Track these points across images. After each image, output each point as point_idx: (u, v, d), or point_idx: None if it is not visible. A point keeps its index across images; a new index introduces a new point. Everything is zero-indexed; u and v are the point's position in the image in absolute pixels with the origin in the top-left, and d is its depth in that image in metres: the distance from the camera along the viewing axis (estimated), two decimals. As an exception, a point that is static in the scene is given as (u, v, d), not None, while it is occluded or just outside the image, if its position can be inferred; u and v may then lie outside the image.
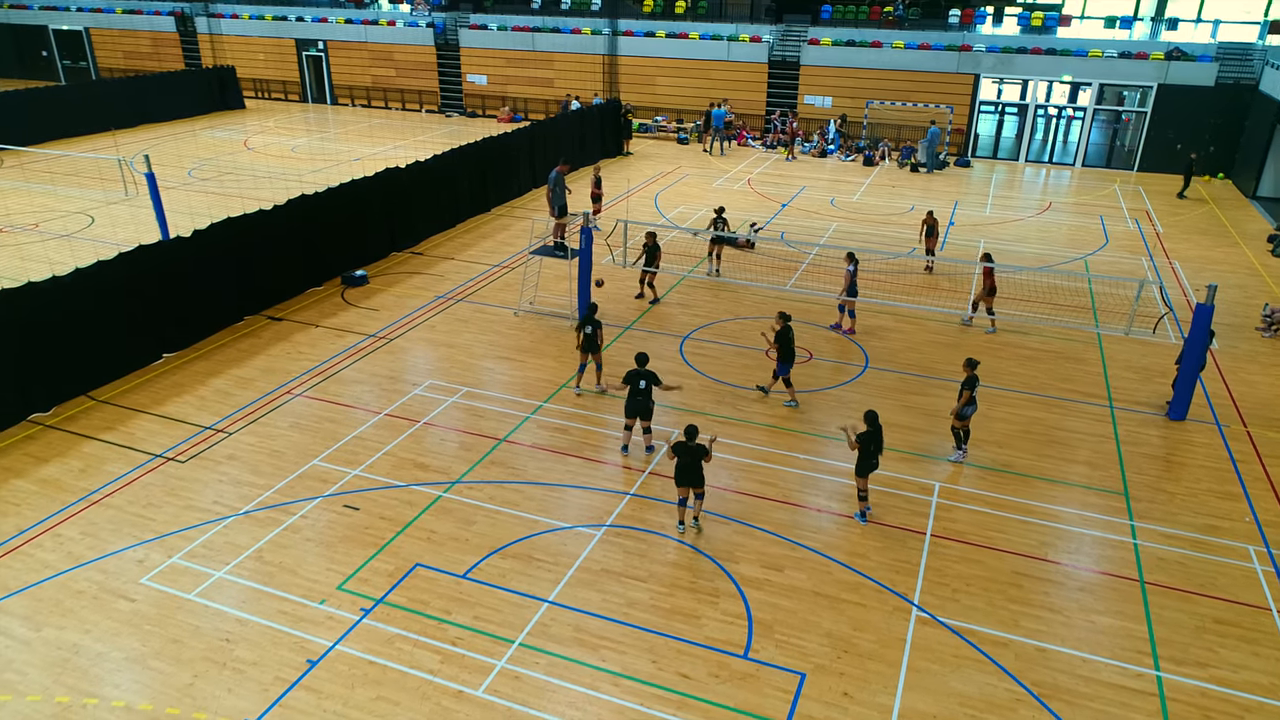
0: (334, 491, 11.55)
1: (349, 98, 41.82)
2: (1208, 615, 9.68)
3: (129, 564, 10.11)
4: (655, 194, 26.72)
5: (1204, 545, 10.84)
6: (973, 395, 12.07)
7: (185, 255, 15.54)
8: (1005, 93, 34.40)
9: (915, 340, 16.57)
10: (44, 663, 8.71)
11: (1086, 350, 16.30)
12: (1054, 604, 9.80)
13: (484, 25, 38.52)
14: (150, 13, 44.42)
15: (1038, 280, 19.51)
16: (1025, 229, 23.91)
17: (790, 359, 13.69)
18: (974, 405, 12.24)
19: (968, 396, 12.07)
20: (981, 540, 10.86)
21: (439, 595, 9.72)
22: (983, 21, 33.54)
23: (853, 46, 33.12)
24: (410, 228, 21.47)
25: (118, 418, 13.34)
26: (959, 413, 12.26)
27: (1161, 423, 13.79)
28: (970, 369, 12.11)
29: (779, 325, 13.56)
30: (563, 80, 37.41)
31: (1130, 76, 30.25)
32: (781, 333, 13.53)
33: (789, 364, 13.71)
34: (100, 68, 46.48)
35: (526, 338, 16.41)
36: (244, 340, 16.10)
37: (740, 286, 19.09)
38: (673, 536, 10.79)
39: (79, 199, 24.89)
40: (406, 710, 8.24)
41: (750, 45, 34.38)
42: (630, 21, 36.61)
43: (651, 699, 8.43)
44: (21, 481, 11.68)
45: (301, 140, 33.84)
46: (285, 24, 41.79)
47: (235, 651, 8.89)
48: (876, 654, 9.04)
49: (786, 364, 13.71)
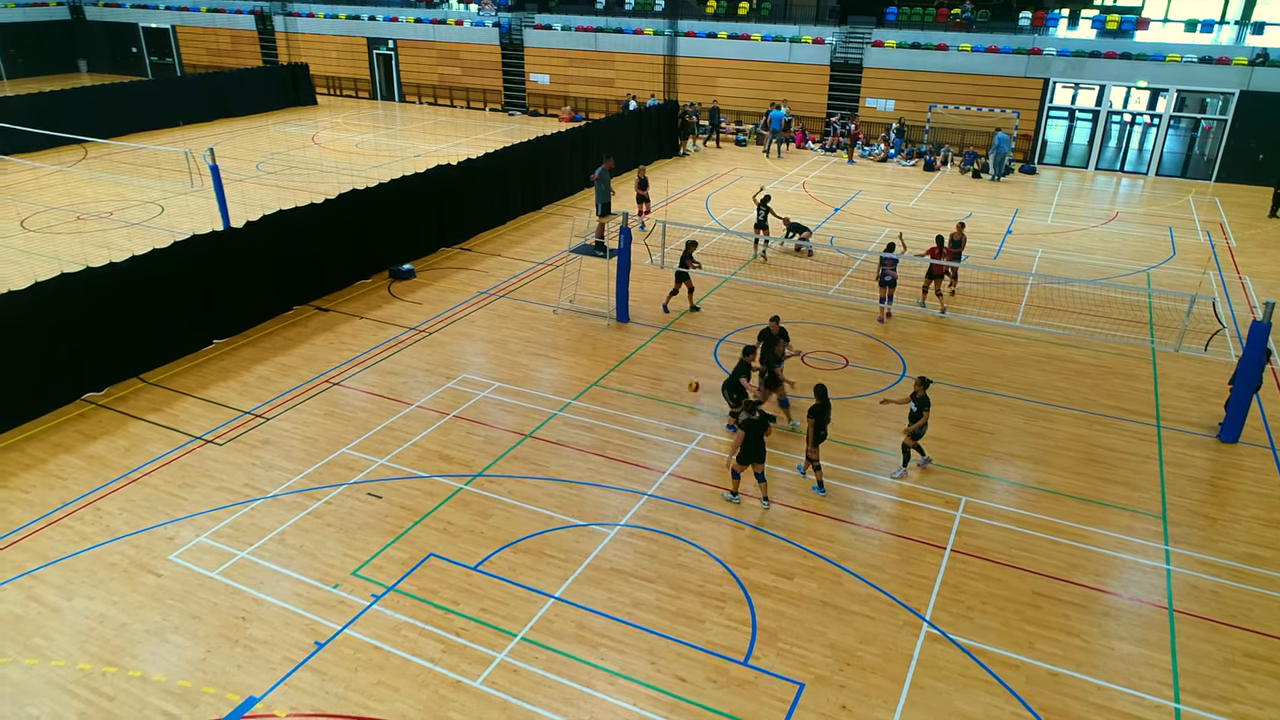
0: (359, 479, 11.84)
1: (416, 95, 42.73)
2: (1238, 648, 9.24)
3: (160, 540, 10.53)
4: (707, 196, 26.63)
5: (1242, 574, 10.34)
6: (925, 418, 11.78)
7: (237, 245, 16.09)
8: (1081, 98, 33.29)
9: (955, 349, 16.18)
10: (71, 630, 9.14)
11: (1139, 366, 15.68)
12: (1074, 627, 9.47)
13: (548, 25, 38.93)
14: (232, 11, 46.09)
15: (1093, 293, 18.84)
16: (1088, 239, 23.10)
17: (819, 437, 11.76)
18: (925, 428, 11.92)
19: (925, 419, 11.73)
20: (1004, 558, 10.55)
21: (449, 586, 9.88)
22: (1055, 24, 32.52)
23: (917, 49, 32.47)
24: (460, 224, 21.84)
25: (165, 400, 13.90)
26: (914, 433, 11.90)
27: (1212, 445, 13.18)
28: (923, 387, 11.74)
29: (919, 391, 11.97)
30: (623, 80, 37.57)
31: (1210, 82, 28.96)
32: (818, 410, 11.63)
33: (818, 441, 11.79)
34: (185, 64, 48.43)
35: (563, 335, 16.54)
36: (291, 329, 16.61)
37: (784, 290, 18.90)
38: (685, 539, 10.76)
39: (153, 189, 25.99)
40: (404, 697, 8.41)
41: (812, 47, 33.99)
42: (692, 22, 36.56)
43: (646, 700, 8.43)
44: (70, 457, 12.27)
45: (367, 136, 34.70)
46: (358, 23, 42.91)
47: (249, 630, 9.19)
48: (880, 668, 8.87)
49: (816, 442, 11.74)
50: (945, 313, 17.34)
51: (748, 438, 10.98)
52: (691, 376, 14.50)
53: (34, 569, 10.00)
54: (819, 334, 16.79)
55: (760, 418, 11.03)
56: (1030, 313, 17.93)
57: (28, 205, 24.06)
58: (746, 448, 11.03)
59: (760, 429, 10.98)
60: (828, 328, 17.08)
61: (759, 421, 10.99)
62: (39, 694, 8.33)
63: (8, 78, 47.48)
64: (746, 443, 11.00)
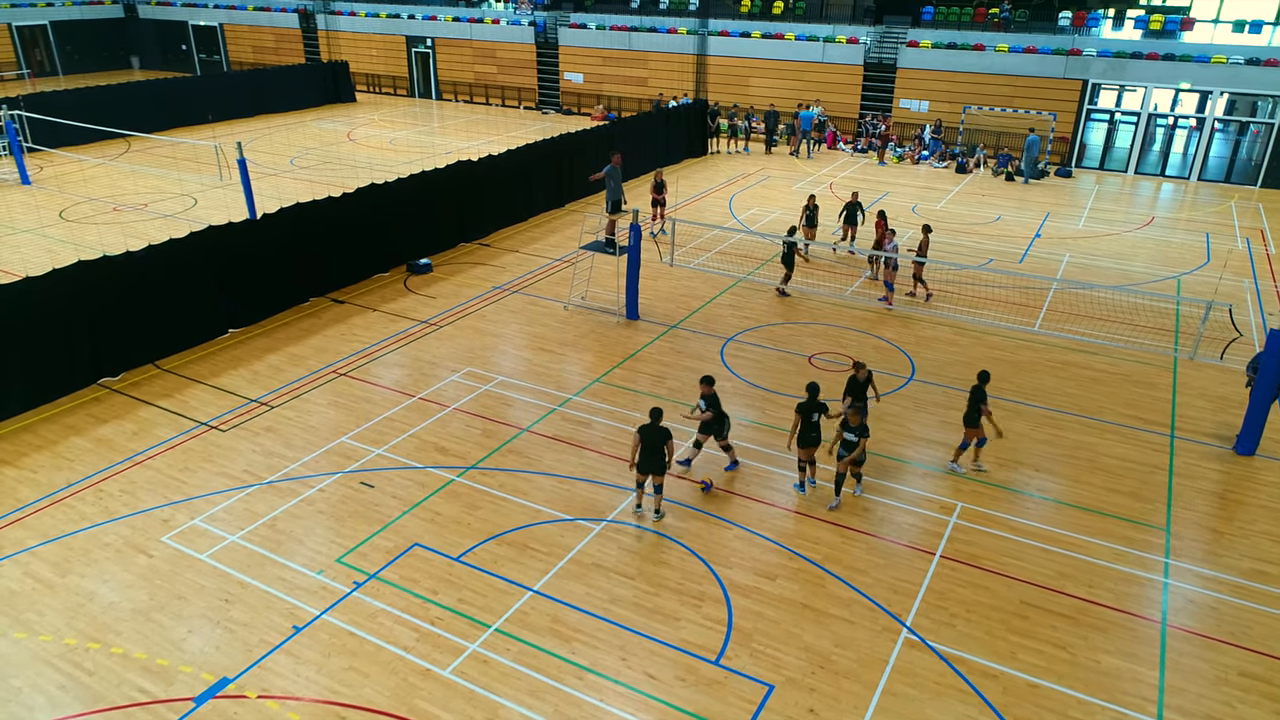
0: (354, 468, 11.99)
1: (453, 93, 43.19)
2: (1232, 666, 8.92)
3: (155, 522, 10.78)
4: (731, 195, 26.50)
5: (1244, 591, 9.98)
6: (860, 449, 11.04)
7: (255, 237, 16.40)
8: (1125, 100, 32.38)
9: (970, 354, 15.87)
10: (62, 606, 9.39)
11: (1159, 375, 15.23)
12: (1059, 639, 9.23)
13: (583, 24, 39.07)
14: (278, 9, 47.04)
15: (1118, 299, 18.33)
16: (1118, 244, 22.51)
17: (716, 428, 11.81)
18: (865, 456, 11.25)
19: (863, 446, 11.00)
20: (994, 566, 10.33)
21: (430, 575, 9.96)
22: (1096, 24, 31.73)
23: (953, 49, 31.94)
24: (480, 220, 22.01)
25: (176, 386, 14.23)
26: (855, 460, 11.19)
27: (1226, 456, 12.75)
28: (859, 415, 10.98)
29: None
30: (656, 79, 37.56)
31: (1258, 84, 28.00)
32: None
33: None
34: (231, 61, 49.55)
35: (571, 332, 16.57)
36: (305, 320, 16.89)
37: (797, 293, 18.71)
38: (671, 536, 10.71)
39: (188, 182, 26.63)
40: (373, 682, 8.49)
41: (846, 47, 33.63)
42: (726, 21, 36.41)
43: (612, 695, 8.40)
44: (80, 439, 12.62)
45: (402, 133, 35.15)
46: (397, 21, 43.51)
47: (231, 612, 9.36)
48: (854, 673, 8.73)
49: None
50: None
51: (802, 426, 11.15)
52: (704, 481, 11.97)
53: (33, 546, 10.31)
54: (829, 335, 16.60)
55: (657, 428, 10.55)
56: (1051, 318, 17.53)
57: (69, 196, 24.81)
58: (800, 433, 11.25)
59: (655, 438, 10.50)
60: (839, 329, 16.88)
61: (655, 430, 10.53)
62: (23, 666, 8.58)
63: (64, 73, 49.01)
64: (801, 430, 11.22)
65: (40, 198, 24.65)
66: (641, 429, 10.57)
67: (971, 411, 11.79)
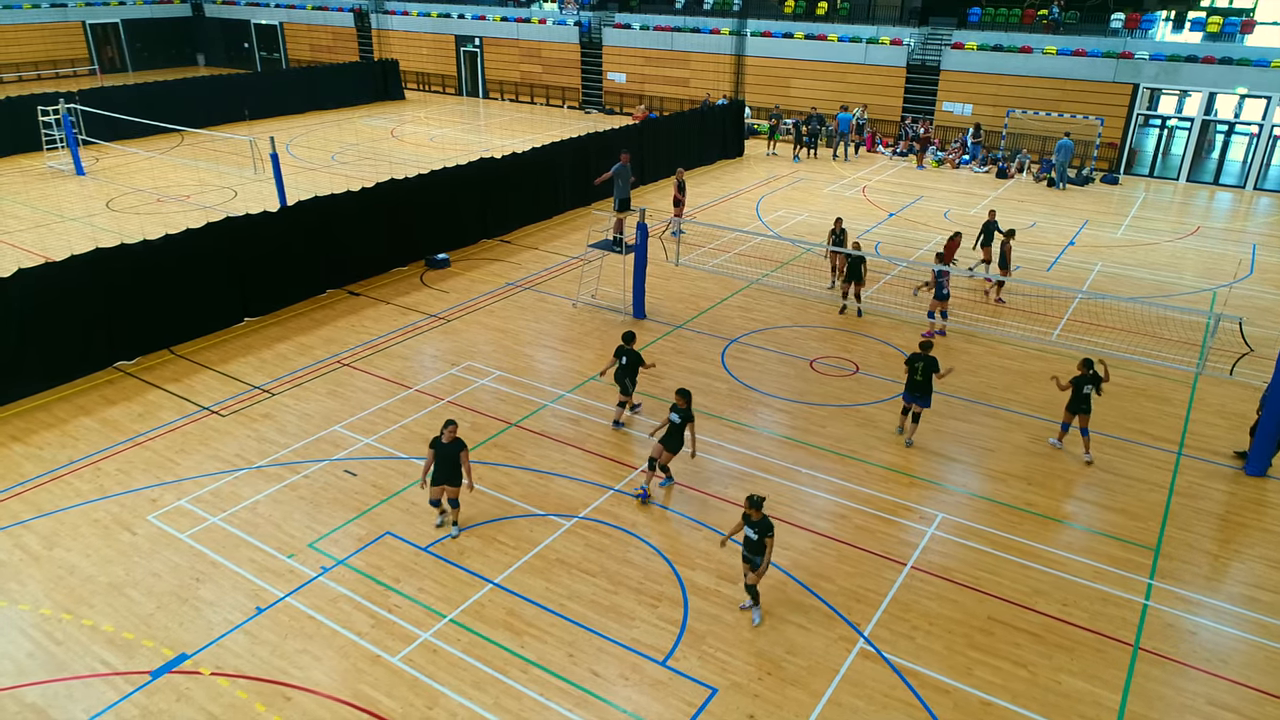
0: (341, 456, 12.24)
1: (499, 92, 43.71)
2: (1201, 694, 8.55)
3: (143, 501, 11.17)
4: (759, 198, 26.29)
5: (1230, 617, 9.56)
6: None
7: (274, 228, 16.85)
8: (1186, 105, 31.14)
9: (979, 362, 15.49)
10: (44, 578, 9.79)
11: (1175, 390, 14.66)
12: (1022, 657, 8.96)
13: (627, 24, 39.18)
14: (334, 9, 48.20)
15: (1144, 312, 17.65)
16: (1156, 254, 21.70)
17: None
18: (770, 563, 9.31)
19: (770, 547, 9.04)
20: (966, 579, 10.07)
21: (395, 564, 10.12)
22: (1151, 26, 30.63)
23: (999, 51, 31.16)
24: (503, 216, 22.24)
25: (186, 371, 14.70)
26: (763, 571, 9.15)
27: (1234, 477, 12.21)
28: (758, 508, 9.01)
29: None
30: (699, 80, 37.46)
31: (1321, 90, 26.72)
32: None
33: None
34: (290, 59, 50.95)
35: (577, 329, 16.65)
36: (319, 311, 17.29)
37: (810, 296, 18.48)
38: (639, 535, 10.70)
39: (231, 175, 27.47)
40: (324, 665, 8.67)
41: (889, 49, 33.07)
42: (769, 22, 36.12)
43: (554, 691, 8.43)
44: (88, 419, 13.13)
45: (443, 131, 35.70)
46: (447, 21, 44.21)
47: (199, 590, 9.65)
48: (801, 681, 8.61)
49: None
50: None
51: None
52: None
53: (27, 519, 10.77)
54: (836, 339, 16.37)
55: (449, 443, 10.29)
56: (1072, 328, 17.01)
57: (118, 188, 25.82)
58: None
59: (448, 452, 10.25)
60: (847, 333, 16.63)
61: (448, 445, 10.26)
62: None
63: (133, 69, 50.99)
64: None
65: (91, 188, 25.71)
66: (434, 442, 10.27)
67: (1075, 399, 12.24)
